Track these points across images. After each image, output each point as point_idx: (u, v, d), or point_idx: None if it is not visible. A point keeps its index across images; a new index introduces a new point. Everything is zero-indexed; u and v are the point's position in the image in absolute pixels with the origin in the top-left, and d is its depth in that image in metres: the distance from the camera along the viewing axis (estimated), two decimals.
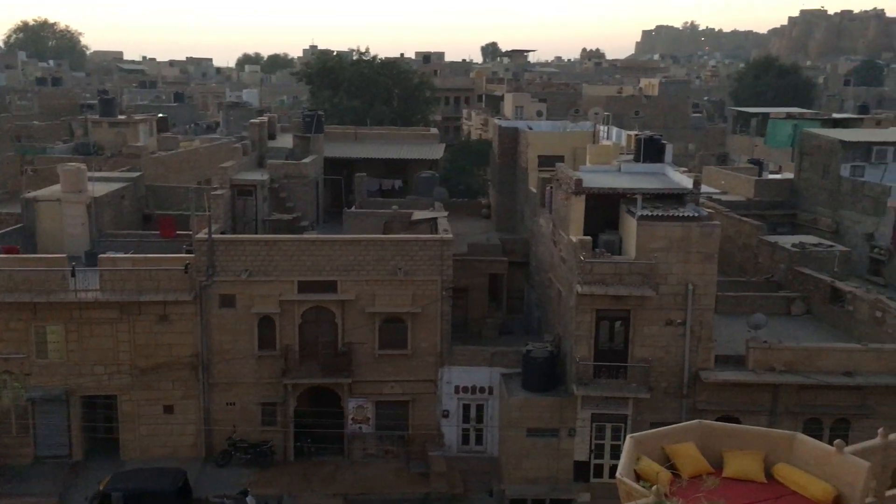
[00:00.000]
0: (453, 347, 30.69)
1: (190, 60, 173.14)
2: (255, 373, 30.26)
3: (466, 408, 30.99)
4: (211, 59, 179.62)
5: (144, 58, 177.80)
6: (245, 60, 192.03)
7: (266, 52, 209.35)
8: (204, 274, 29.27)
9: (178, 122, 77.82)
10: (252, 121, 42.69)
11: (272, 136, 42.65)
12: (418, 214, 34.83)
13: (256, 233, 33.68)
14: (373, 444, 30.96)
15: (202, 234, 29.36)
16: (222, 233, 31.21)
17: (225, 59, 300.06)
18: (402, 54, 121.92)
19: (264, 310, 29.69)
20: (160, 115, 67.10)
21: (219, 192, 32.90)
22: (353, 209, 36.67)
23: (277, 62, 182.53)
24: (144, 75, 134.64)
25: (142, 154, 48.60)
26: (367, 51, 76.12)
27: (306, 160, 37.61)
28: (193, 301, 29.40)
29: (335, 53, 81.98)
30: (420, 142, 47.02)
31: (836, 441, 11.26)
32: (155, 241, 34.11)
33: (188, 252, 30.02)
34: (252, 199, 34.65)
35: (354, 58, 75.45)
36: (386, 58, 79.25)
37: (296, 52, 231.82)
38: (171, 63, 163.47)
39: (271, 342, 30.01)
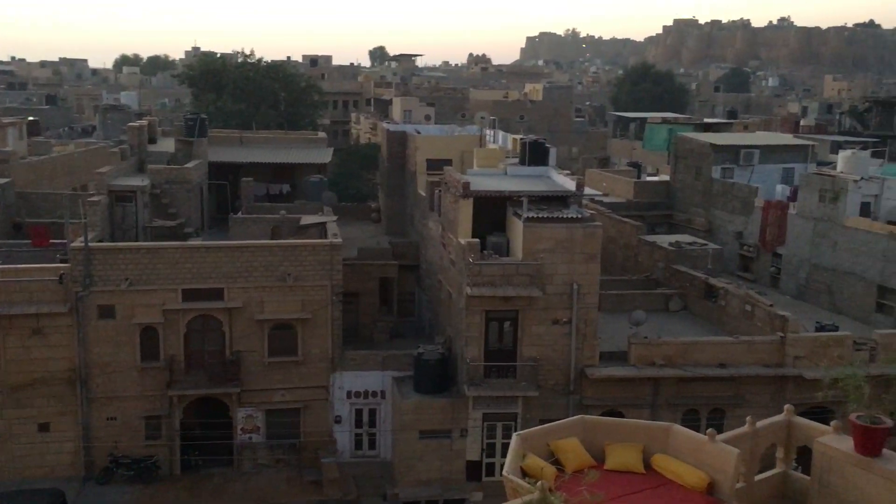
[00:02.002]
0: (345, 352, 30.52)
1: (63, 61, 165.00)
2: (137, 385, 29.21)
3: (359, 413, 30.88)
4: (86, 60, 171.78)
5: (13, 58, 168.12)
6: (123, 62, 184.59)
7: (146, 54, 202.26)
8: (80, 284, 28.05)
9: (51, 126, 74.18)
10: (131, 124, 41.18)
11: (153, 141, 41.27)
12: (307, 219, 34.47)
13: (137, 240, 32.51)
14: (263, 453, 30.40)
15: (78, 243, 28.13)
16: (100, 241, 30.00)
17: (101, 59, 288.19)
18: (288, 57, 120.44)
19: (146, 320, 28.72)
20: (31, 118, 63.68)
21: (95, 198, 31.65)
22: (239, 214, 35.94)
23: (158, 64, 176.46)
24: (13, 76, 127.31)
25: (11, 159, 45.93)
26: (252, 53, 74.76)
27: (189, 165, 36.60)
28: (69, 313, 28.13)
29: (219, 55, 79.80)
30: (308, 146, 46.50)
31: (709, 430, 11.85)
32: (26, 250, 32.35)
33: (63, 262, 28.73)
34: (132, 205, 33.44)
35: (239, 60, 73.75)
36: (272, 61, 77.94)
37: (177, 53, 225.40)
38: (43, 63, 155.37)
39: (155, 353, 29.06)
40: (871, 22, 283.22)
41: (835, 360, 27.31)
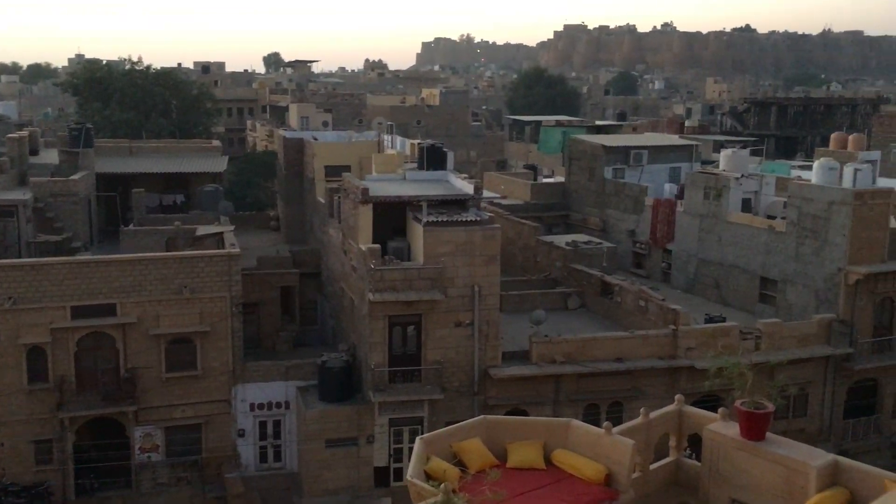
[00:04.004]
0: (246, 364, 29.96)
1: None
2: (25, 409, 27.89)
3: (263, 425, 30.35)
4: None
5: None
6: (1, 70, 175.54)
7: (25, 61, 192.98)
8: None
9: None
10: (10, 135, 39.28)
11: (34, 152, 39.55)
12: (203, 230, 33.69)
13: (20, 257, 31.01)
14: (164, 472, 29.48)
15: None
16: None
17: None
18: (179, 64, 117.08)
19: (33, 339, 27.46)
20: None
21: None
22: (130, 227, 34.82)
23: (39, 72, 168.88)
24: None
25: None
26: (140, 60, 72.21)
27: (75, 176, 35.22)
28: None
29: (104, 63, 76.84)
30: (202, 154, 45.41)
31: (605, 423, 12.28)
32: None
33: None
34: (13, 220, 31.92)
35: (126, 67, 71.21)
36: (161, 68, 75.67)
37: (60, 61, 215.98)
38: None
39: (43, 374, 27.83)
40: (748, 26, 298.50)
41: (723, 350, 28.56)
